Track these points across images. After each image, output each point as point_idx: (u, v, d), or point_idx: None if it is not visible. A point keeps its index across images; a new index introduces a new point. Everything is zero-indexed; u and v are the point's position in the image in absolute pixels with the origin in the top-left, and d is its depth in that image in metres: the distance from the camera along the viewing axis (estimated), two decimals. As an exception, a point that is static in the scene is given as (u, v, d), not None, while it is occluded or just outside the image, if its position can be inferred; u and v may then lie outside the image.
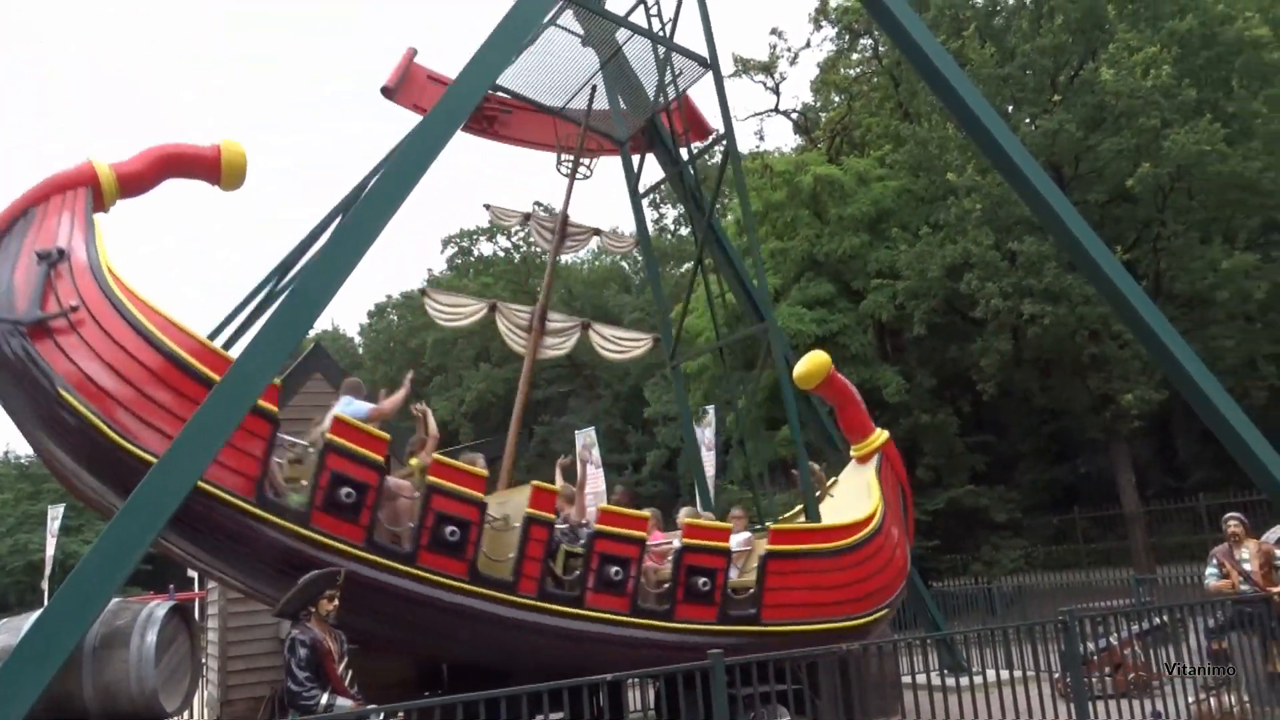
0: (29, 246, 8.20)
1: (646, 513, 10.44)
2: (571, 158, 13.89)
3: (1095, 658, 11.89)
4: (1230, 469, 18.44)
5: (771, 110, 38.41)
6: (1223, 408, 12.59)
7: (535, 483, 9.54)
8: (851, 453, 12.77)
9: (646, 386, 40.43)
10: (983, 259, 25.39)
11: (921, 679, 12.41)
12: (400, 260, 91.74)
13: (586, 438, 23.84)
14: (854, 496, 12.02)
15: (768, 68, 35.91)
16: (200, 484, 7.59)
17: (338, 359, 14.34)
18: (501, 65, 10.43)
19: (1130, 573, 22.69)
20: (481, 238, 53.58)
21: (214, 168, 9.40)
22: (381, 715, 6.63)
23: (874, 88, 33.66)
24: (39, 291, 7.89)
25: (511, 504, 9.97)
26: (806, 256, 29.91)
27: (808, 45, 55.32)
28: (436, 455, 9.25)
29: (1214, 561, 11.13)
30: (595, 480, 24.78)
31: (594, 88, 14.47)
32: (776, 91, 37.30)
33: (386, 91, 13.76)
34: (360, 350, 61.53)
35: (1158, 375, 24.49)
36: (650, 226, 52.25)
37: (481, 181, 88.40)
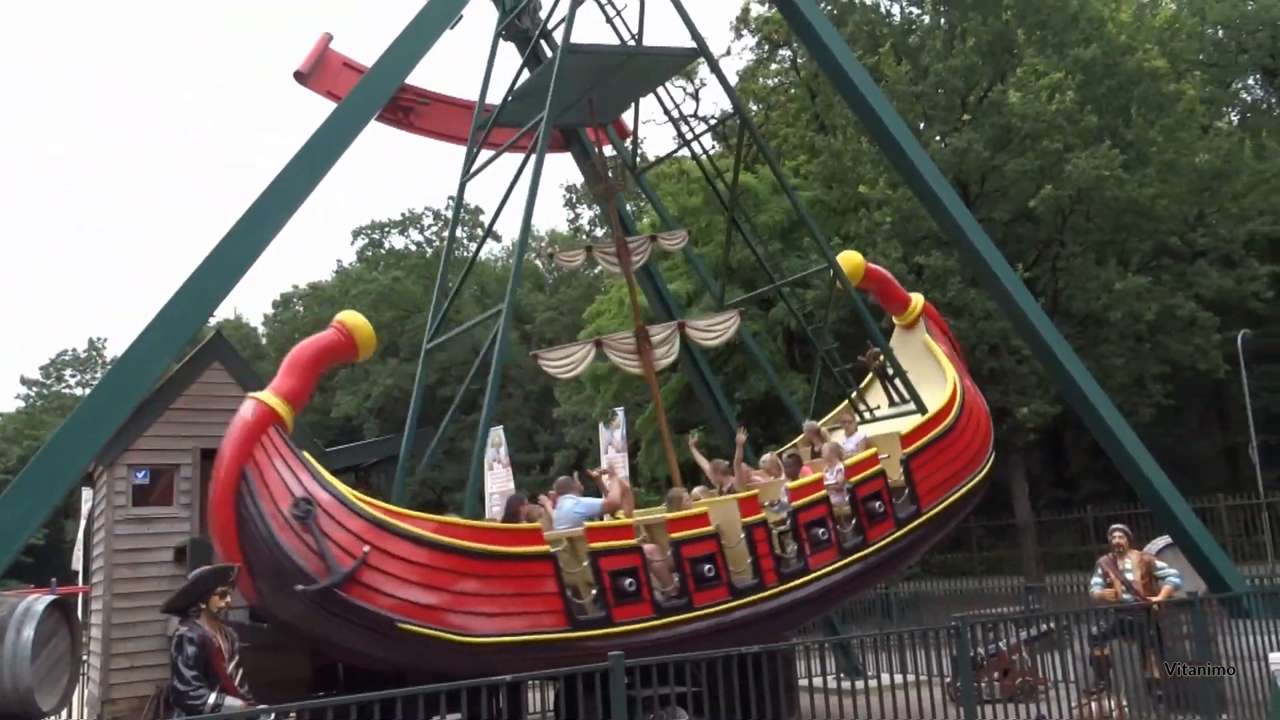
0: (272, 510, 8.61)
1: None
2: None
3: (985, 663, 12.21)
4: (1117, 481, 19.17)
5: (691, 115, 38.63)
6: (1112, 423, 13.08)
7: (738, 496, 10.72)
8: (897, 322, 14.93)
9: (557, 387, 40.27)
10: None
11: (819, 682, 12.60)
12: (309, 250, 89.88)
13: (495, 436, 23.63)
14: (920, 362, 13.90)
15: (688, 73, 36.10)
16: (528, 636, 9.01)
17: (239, 348, 13.93)
18: (419, 55, 10.31)
19: (1021, 581, 23.40)
20: (393, 230, 52.77)
21: (351, 349, 10.04)
22: (272, 715, 6.45)
23: (791, 99, 34.10)
24: (324, 548, 8.47)
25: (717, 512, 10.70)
26: (719, 262, 30.16)
27: (728, 53, 55.75)
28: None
29: (1099, 571, 11.53)
30: (504, 479, 24.60)
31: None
32: (696, 97, 37.54)
33: (299, 76, 13.44)
34: (264, 341, 59.97)
35: (1052, 390, 25.31)
36: (565, 226, 52.16)
37: (395, 172, 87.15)
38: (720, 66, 14.34)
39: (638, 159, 37.42)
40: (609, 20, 13.97)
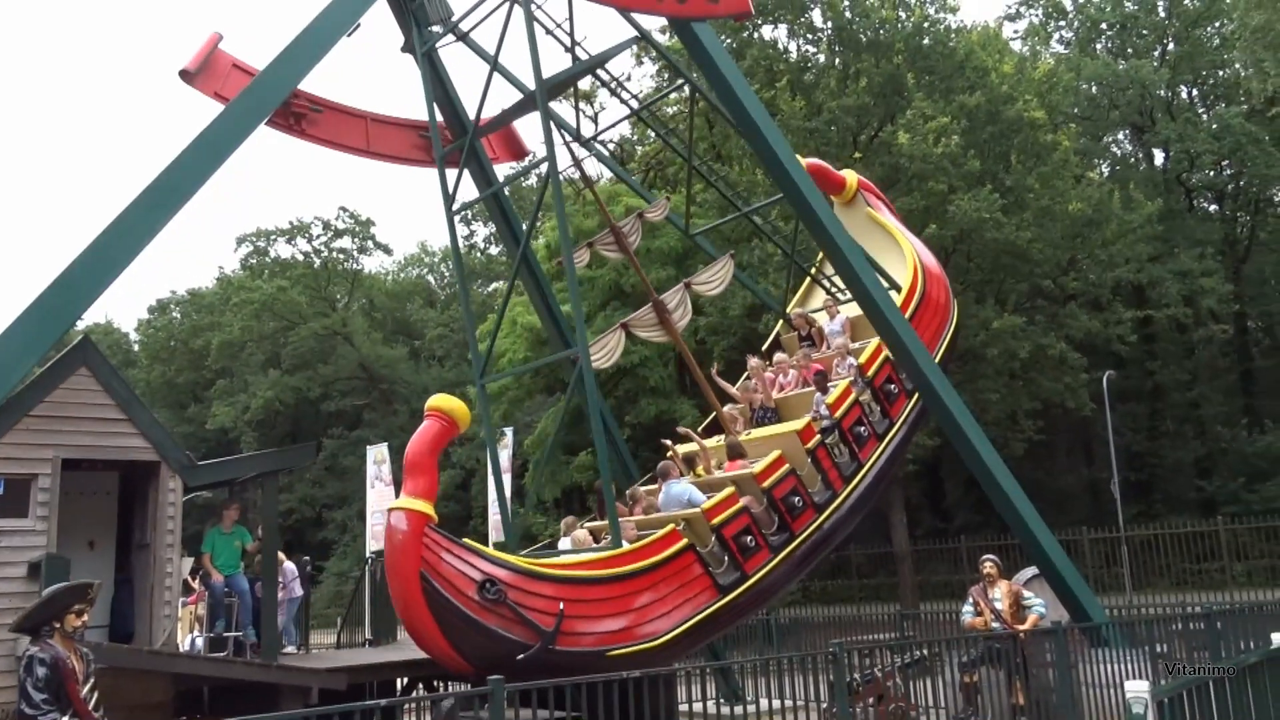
0: (464, 600, 9.30)
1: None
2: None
3: (861, 689, 12.42)
4: (990, 513, 19.81)
5: (591, 138, 38.79)
6: (986, 457, 13.51)
7: (793, 427, 12.38)
8: (837, 201, 16.28)
9: (445, 404, 39.73)
10: (780, 301, 26.41)
11: (699, 707, 12.63)
12: (189, 256, 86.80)
13: (379, 454, 23.08)
14: (870, 234, 15.60)
15: (588, 96, 36.28)
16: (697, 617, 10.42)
17: (109, 354, 13.27)
18: (313, 60, 10.09)
19: (898, 608, 23.94)
20: (280, 238, 51.35)
21: (455, 429, 10.49)
22: (127, 741, 6.13)
23: (689, 127, 34.55)
24: (524, 617, 9.38)
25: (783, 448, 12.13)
26: (613, 286, 30.29)
27: (628, 79, 56.27)
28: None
29: (970, 600, 11.88)
30: (386, 498, 24.03)
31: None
32: (595, 120, 37.76)
33: (185, 75, 12.97)
34: (136, 348, 57.57)
35: (931, 423, 26.08)
36: (460, 243, 51.70)
37: (282, 178, 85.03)
38: (657, 42, 14.67)
39: (532, 180, 37.13)
40: (549, 31, 14.13)
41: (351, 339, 49.01)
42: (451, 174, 14.79)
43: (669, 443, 13.76)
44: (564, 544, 11.93)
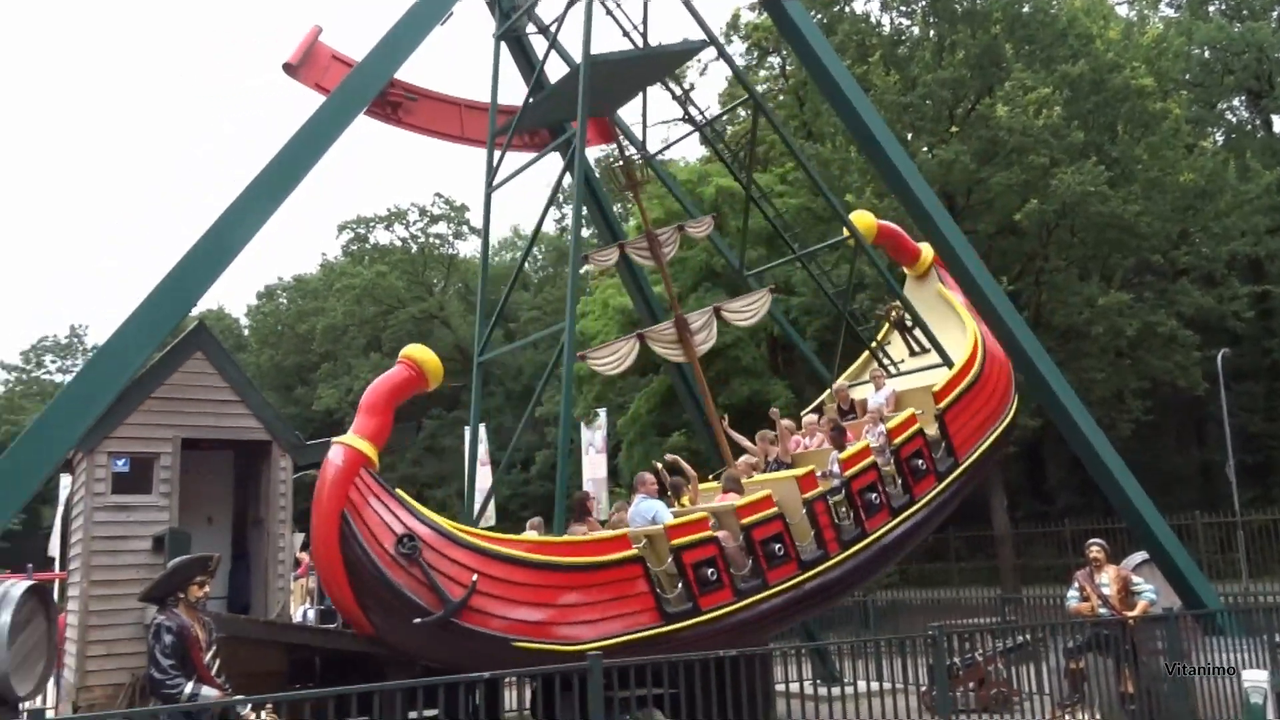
0: (378, 550, 8.98)
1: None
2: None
3: (961, 673, 12.28)
4: (1095, 496, 19.27)
5: (678, 119, 38.73)
6: (1091, 438, 13.16)
7: (793, 474, 11.31)
8: (909, 273, 15.75)
9: (539, 385, 40.27)
10: (876, 281, 26.04)
11: (795, 687, 12.64)
12: (293, 243, 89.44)
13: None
14: (937, 312, 14.58)
15: (677, 77, 36.17)
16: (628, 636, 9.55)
17: (222, 339, 13.91)
18: (408, 50, 10.28)
19: (998, 592, 23.51)
20: (379, 225, 52.51)
21: (422, 380, 10.53)
22: (249, 706, 6.43)
23: (779, 105, 34.21)
24: (432, 580, 8.93)
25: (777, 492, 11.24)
26: (704, 266, 30.21)
27: (717, 58, 55.89)
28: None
29: (1075, 585, 11.60)
30: (484, 478, 24.52)
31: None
32: (683, 103, 37.64)
33: (288, 68, 13.38)
34: (245, 332, 59.62)
35: (1033, 403, 25.47)
36: (552, 226, 52.09)
37: (382, 167, 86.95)
38: (728, 53, 14.65)
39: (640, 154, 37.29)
40: (609, 12, 14.08)
41: (448, 322, 49.94)
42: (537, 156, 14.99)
43: (659, 465, 12.82)
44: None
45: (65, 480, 19.99)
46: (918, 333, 14.39)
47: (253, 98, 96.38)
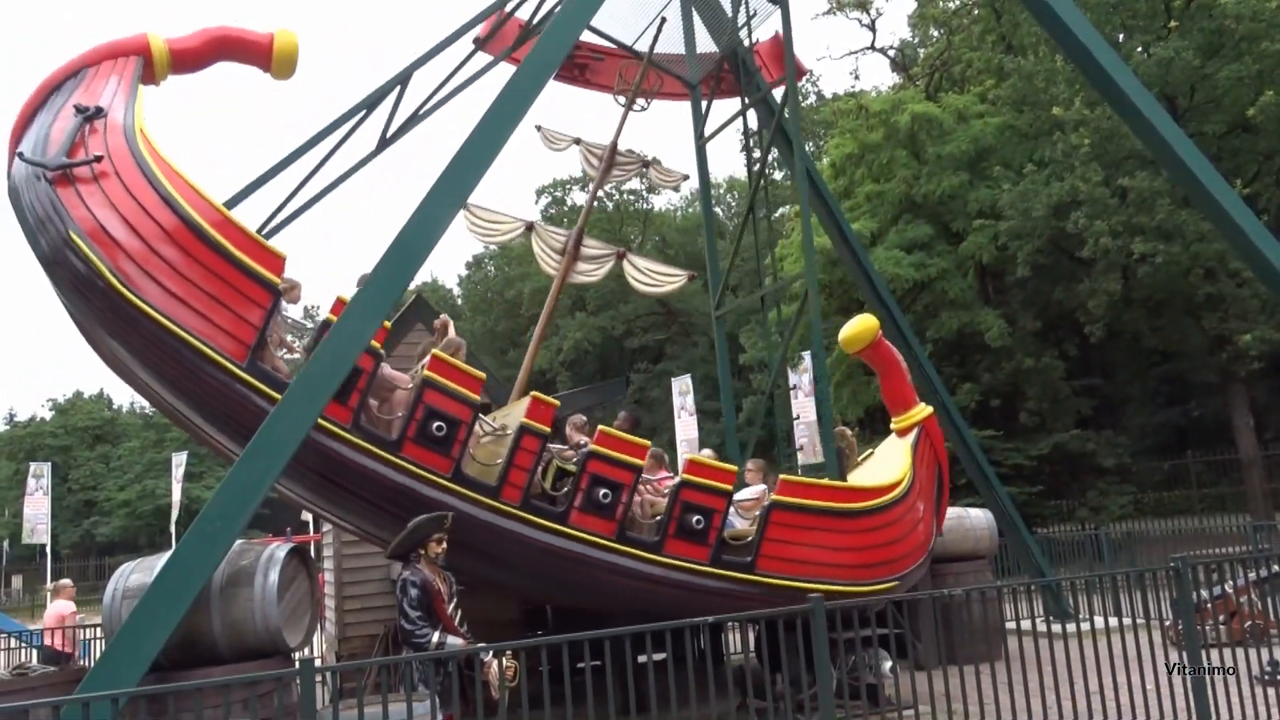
0: (69, 100, 8.53)
1: (645, 442, 9.87)
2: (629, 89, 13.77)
3: (1209, 605, 11.58)
4: (1358, 411, 17.56)
5: (867, 48, 37.46)
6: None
7: (534, 394, 9.40)
8: (892, 425, 11.66)
9: (742, 333, 40.25)
10: (1091, 196, 24.48)
11: (1026, 625, 12.28)
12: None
13: (683, 385, 23.83)
14: (885, 467, 11.19)
15: (863, 4, 34.93)
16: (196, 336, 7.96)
17: (438, 309, 14.70)
18: (592, 11, 10.37)
19: (1247, 519, 21.95)
20: (574, 187, 53.70)
21: (266, 54, 9.49)
22: (490, 653, 6.84)
23: (975, 20, 32.48)
24: (69, 142, 8.14)
25: (511, 416, 9.87)
26: (904, 198, 29.26)
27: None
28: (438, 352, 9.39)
29: (1338, 507, 10.68)
30: (689, 427, 24.85)
31: (663, 21, 14.34)
32: (872, 28, 36.31)
33: (478, 43, 13.82)
34: (459, 301, 62.56)
35: (1279, 315, 23.41)
36: (743, 172, 51.73)
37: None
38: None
39: (811, 99, 36.48)
40: None
41: (648, 277, 50.78)
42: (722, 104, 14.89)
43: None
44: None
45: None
46: (833, 457, 12.36)
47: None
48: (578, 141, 13.26)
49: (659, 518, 9.65)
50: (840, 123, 31.98)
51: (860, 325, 11.21)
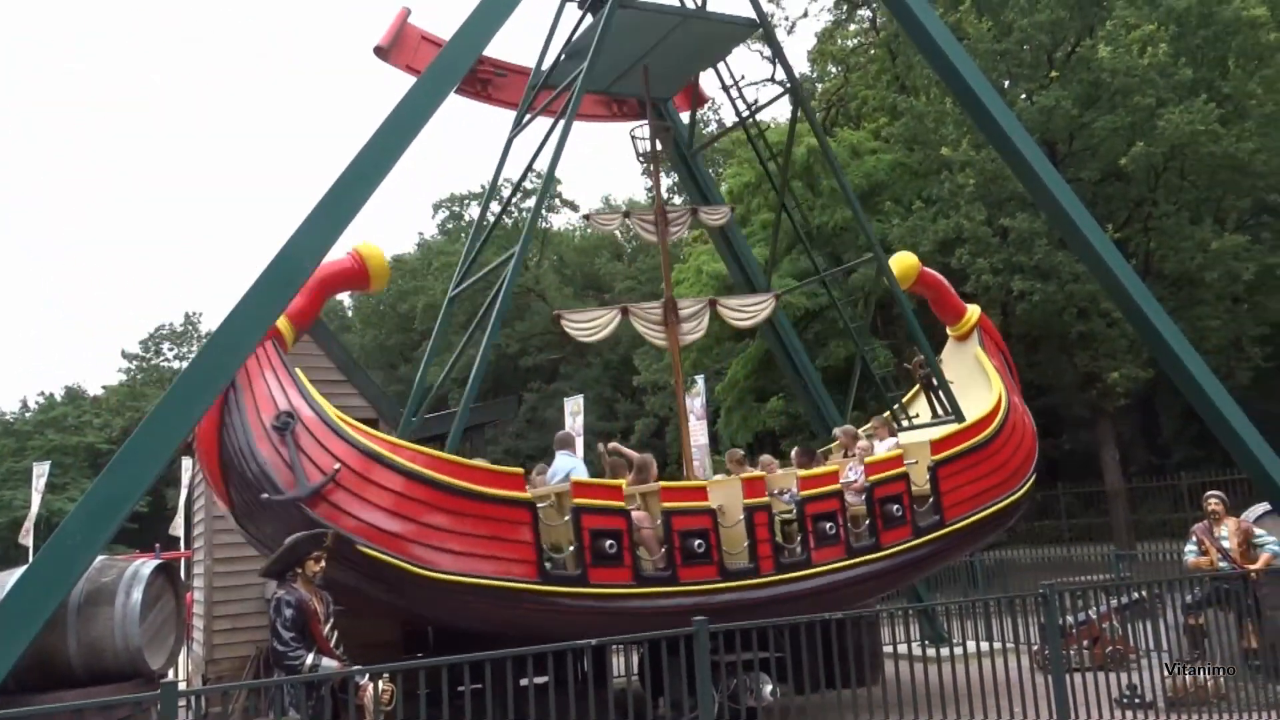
0: (254, 419, 8.73)
1: (833, 469, 11.16)
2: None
3: (1074, 631, 12.02)
4: (1212, 447, 18.55)
5: (767, 80, 38.19)
6: (1207, 387, 12.66)
7: (744, 476, 10.53)
8: (950, 332, 14.23)
9: (636, 355, 40.45)
10: (974, 234, 25.41)
11: (903, 649, 12.54)
12: (390, 223, 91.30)
13: (574, 405, 23.84)
14: (968, 374, 13.36)
15: (767, 38, 35.66)
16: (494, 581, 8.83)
17: (326, 321, 14.32)
18: (496, 26, 10.34)
19: (1111, 548, 22.91)
20: (473, 202, 53.31)
21: (364, 277, 10.28)
22: (366, 676, 6.66)
23: (871, 59, 33.49)
24: (294, 460, 8.49)
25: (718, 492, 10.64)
26: (783, 234, 29.85)
27: (805, 15, 55.12)
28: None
29: (1193, 539, 11.24)
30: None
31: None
32: (773, 61, 37.08)
33: (379, 51, 13.62)
34: (350, 313, 61.33)
35: (1144, 353, 24.58)
36: (643, 196, 52.05)
37: (472, 143, 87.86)
38: (777, 39, 14.32)
39: (713, 127, 36.99)
40: None
41: (545, 295, 50.49)
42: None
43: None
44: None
45: (187, 463, 20.93)
46: (942, 394, 13.27)
47: (356, 86, 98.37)
48: (627, 215, 13.42)
49: (864, 520, 10.89)
50: (738, 152, 32.51)
51: (904, 264, 13.72)
